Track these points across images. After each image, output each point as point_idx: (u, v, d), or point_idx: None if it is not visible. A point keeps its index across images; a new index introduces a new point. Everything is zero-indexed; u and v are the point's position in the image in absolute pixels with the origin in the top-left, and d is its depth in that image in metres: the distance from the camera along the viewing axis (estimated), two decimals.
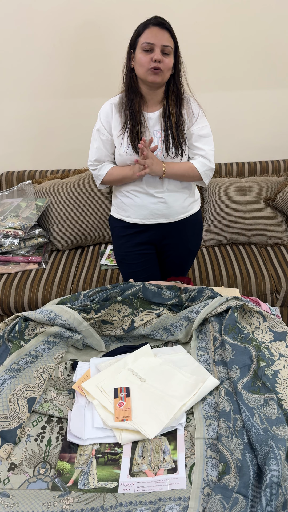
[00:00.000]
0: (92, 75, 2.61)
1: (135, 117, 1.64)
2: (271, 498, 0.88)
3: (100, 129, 1.72)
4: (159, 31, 1.54)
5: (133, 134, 1.65)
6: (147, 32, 1.55)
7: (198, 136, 1.71)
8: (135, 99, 1.65)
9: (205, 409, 1.18)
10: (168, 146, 1.66)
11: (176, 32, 1.59)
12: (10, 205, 2.59)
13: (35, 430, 1.17)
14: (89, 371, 1.32)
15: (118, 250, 1.93)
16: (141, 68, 1.58)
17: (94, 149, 1.76)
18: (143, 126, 1.66)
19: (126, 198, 1.79)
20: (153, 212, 1.78)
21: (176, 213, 1.80)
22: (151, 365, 1.34)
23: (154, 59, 1.54)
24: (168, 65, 1.57)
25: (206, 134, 1.73)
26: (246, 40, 2.55)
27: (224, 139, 2.80)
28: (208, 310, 1.43)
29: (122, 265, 1.95)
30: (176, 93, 1.66)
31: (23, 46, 2.56)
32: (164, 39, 1.55)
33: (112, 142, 1.73)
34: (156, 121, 1.68)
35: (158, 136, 1.68)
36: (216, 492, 0.94)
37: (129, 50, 1.63)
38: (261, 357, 1.25)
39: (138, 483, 1.02)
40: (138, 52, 1.58)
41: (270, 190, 2.58)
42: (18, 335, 1.40)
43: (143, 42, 1.55)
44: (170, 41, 1.57)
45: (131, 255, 1.88)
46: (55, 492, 1.01)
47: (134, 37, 1.60)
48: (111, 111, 1.70)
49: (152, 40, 1.54)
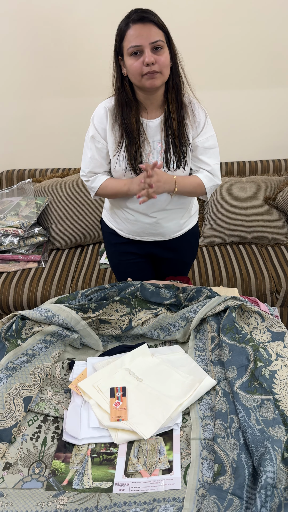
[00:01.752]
0: (93, 73, 2.60)
1: (132, 134, 1.47)
2: (266, 499, 0.87)
3: (95, 136, 1.54)
4: (143, 27, 1.32)
5: (132, 153, 1.48)
6: (130, 33, 1.34)
7: (203, 148, 1.55)
8: (130, 113, 1.46)
9: (202, 410, 1.17)
10: (169, 158, 1.50)
11: (178, 30, 1.45)
12: (10, 203, 2.59)
13: (30, 429, 1.17)
14: (86, 370, 1.32)
15: (111, 256, 1.84)
16: (134, 75, 1.38)
17: (88, 159, 1.58)
18: (141, 137, 1.49)
19: (120, 211, 1.67)
20: (147, 231, 1.66)
21: (171, 232, 1.69)
22: (148, 365, 1.33)
23: (146, 62, 1.33)
24: (164, 62, 1.37)
25: (212, 145, 1.56)
26: (248, 39, 2.54)
27: (225, 138, 2.79)
28: (206, 310, 1.42)
29: (117, 272, 1.88)
30: (176, 90, 1.46)
31: (23, 44, 2.56)
32: (151, 34, 1.33)
33: (107, 151, 1.56)
34: (156, 130, 1.51)
35: (158, 148, 1.51)
36: (211, 493, 0.93)
37: (115, 57, 1.43)
38: (258, 358, 1.24)
39: (133, 484, 1.01)
40: (127, 58, 1.37)
41: (271, 189, 2.57)
42: (15, 334, 1.39)
43: (129, 46, 1.34)
44: (159, 34, 1.34)
45: (123, 263, 1.80)
46: (50, 492, 1.01)
47: (118, 42, 1.39)
48: (105, 116, 1.52)
49: (138, 41, 1.33)
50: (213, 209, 2.55)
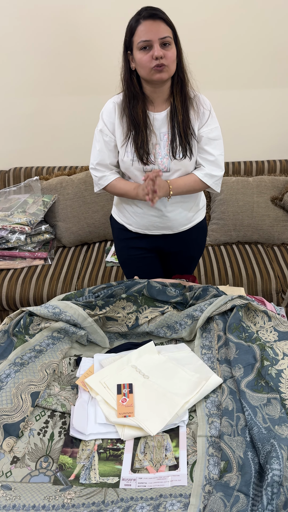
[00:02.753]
0: (101, 72, 2.61)
1: (139, 125, 1.54)
2: (272, 497, 0.88)
3: (103, 129, 1.61)
4: (152, 24, 1.41)
5: (138, 143, 1.55)
6: (140, 28, 1.42)
7: (208, 139, 1.60)
8: (138, 105, 1.54)
9: (208, 407, 1.18)
10: (175, 148, 1.57)
11: (183, 28, 1.50)
12: (17, 200, 2.60)
13: (38, 424, 1.18)
14: (93, 367, 1.33)
15: (120, 252, 1.88)
16: (143, 69, 1.46)
17: (96, 152, 1.65)
18: (148, 129, 1.56)
19: (129, 205, 1.72)
20: (155, 224, 1.71)
21: (179, 225, 1.73)
22: (154, 363, 1.34)
23: (155, 56, 1.41)
24: (171, 57, 1.45)
25: (216, 136, 1.62)
26: (254, 38, 2.53)
27: (232, 138, 2.79)
28: (213, 308, 1.43)
29: (124, 268, 1.91)
30: (180, 85, 1.54)
31: (31, 42, 2.57)
32: (160, 30, 1.41)
33: (115, 144, 1.62)
34: (163, 122, 1.58)
35: (164, 139, 1.58)
36: (217, 489, 0.94)
37: (125, 51, 1.51)
38: (265, 356, 1.24)
39: (140, 479, 1.02)
40: (136, 52, 1.45)
41: (278, 189, 2.56)
42: (23, 330, 1.40)
43: (139, 41, 1.43)
44: (167, 30, 1.43)
45: (132, 259, 1.84)
46: (57, 486, 1.02)
47: (128, 37, 1.48)
48: (114, 111, 1.59)
49: (148, 36, 1.41)
50: (220, 208, 2.55)
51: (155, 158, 1.59)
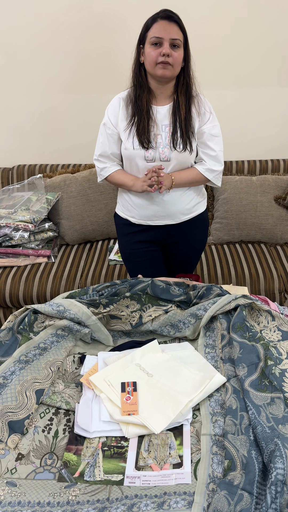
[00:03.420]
0: (106, 70, 2.60)
1: (142, 112, 1.64)
2: (276, 496, 0.89)
3: (106, 123, 1.72)
4: (167, 24, 1.53)
5: (140, 129, 1.64)
6: (155, 26, 1.54)
7: (210, 135, 1.70)
8: (143, 94, 1.64)
9: (212, 406, 1.18)
10: (176, 140, 1.65)
11: (186, 27, 1.56)
12: (20, 198, 2.60)
13: (42, 422, 1.18)
14: (97, 364, 1.33)
15: (123, 247, 1.93)
16: (150, 62, 1.57)
17: (99, 144, 1.76)
18: (151, 120, 1.65)
19: (131, 198, 1.79)
20: (157, 214, 1.77)
21: (181, 214, 1.79)
22: (158, 361, 1.35)
23: (162, 53, 1.52)
24: (177, 59, 1.56)
25: (217, 133, 1.73)
26: (258, 37, 2.52)
27: (236, 137, 2.79)
28: (217, 307, 1.43)
29: (128, 263, 1.95)
30: (185, 87, 1.65)
31: (35, 40, 2.56)
32: (173, 32, 1.53)
33: (117, 137, 1.72)
34: (165, 116, 1.67)
35: (166, 131, 1.67)
36: (221, 488, 0.95)
37: (138, 45, 1.62)
38: (268, 356, 1.25)
39: (144, 477, 1.03)
40: (147, 46, 1.57)
41: (281, 189, 2.56)
42: (27, 327, 1.41)
43: (152, 36, 1.54)
44: (179, 34, 1.55)
45: (135, 253, 1.89)
46: (62, 483, 1.02)
47: (143, 31, 1.60)
48: (118, 105, 1.70)
49: (161, 34, 1.53)
50: (223, 207, 2.55)
51: (156, 146, 1.67)
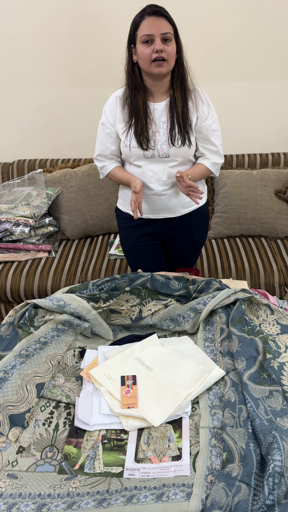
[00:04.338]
0: (105, 64, 2.59)
1: (139, 113, 1.63)
2: (274, 487, 0.90)
3: (104, 122, 1.72)
4: (156, 20, 1.51)
5: (138, 130, 1.64)
6: (144, 23, 1.53)
7: (212, 130, 1.71)
8: (138, 95, 1.63)
9: (211, 399, 1.19)
10: (174, 136, 1.65)
11: (184, 21, 1.55)
12: (21, 193, 2.60)
13: (43, 415, 1.19)
14: (97, 358, 1.34)
15: (124, 241, 1.94)
16: (144, 61, 1.55)
17: (98, 143, 1.77)
18: (149, 118, 1.65)
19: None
20: (158, 207, 1.78)
21: (181, 208, 1.80)
22: (158, 355, 1.36)
23: (155, 49, 1.51)
24: (171, 52, 1.54)
25: (217, 128, 1.74)
26: (258, 30, 2.51)
27: (237, 130, 2.78)
28: (216, 301, 1.44)
29: (129, 256, 1.97)
30: (181, 80, 1.64)
31: (35, 35, 2.56)
32: (163, 26, 1.52)
33: (116, 135, 1.72)
34: (162, 112, 1.66)
35: (164, 127, 1.66)
36: (220, 479, 0.96)
37: (129, 45, 1.60)
38: (267, 349, 1.25)
39: (143, 469, 1.04)
40: (139, 45, 1.55)
41: (282, 182, 2.56)
42: (28, 322, 1.42)
43: (142, 34, 1.52)
44: (168, 27, 1.54)
45: (136, 246, 1.89)
46: (62, 475, 1.04)
47: (132, 31, 1.58)
48: (115, 104, 1.69)
49: (151, 31, 1.51)
50: (223, 201, 2.55)
51: (155, 144, 1.66)
